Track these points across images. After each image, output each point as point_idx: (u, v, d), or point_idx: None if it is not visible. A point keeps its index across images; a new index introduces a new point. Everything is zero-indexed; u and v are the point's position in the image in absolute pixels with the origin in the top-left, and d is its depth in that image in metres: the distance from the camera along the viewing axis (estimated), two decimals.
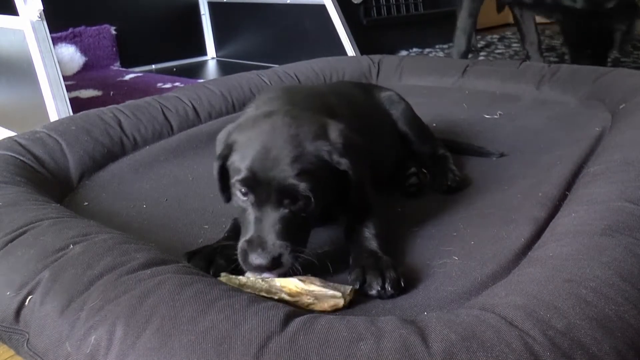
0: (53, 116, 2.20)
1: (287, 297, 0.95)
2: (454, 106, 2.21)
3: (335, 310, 0.95)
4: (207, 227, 1.29)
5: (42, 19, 2.22)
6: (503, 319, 0.79)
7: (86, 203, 1.44)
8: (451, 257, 1.11)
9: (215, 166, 1.12)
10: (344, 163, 1.06)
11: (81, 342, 0.82)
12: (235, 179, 1.04)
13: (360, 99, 1.53)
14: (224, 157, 1.09)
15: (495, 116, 2.06)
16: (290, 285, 0.97)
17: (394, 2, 4.24)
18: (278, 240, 0.99)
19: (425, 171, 1.52)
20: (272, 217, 1.00)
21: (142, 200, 1.44)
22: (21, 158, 1.48)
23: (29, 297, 0.92)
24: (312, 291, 0.96)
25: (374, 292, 1.00)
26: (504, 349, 0.73)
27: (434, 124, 1.91)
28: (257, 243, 0.99)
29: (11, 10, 2.27)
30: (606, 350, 0.75)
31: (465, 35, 3.45)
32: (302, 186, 1.00)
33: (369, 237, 1.12)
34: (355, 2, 3.96)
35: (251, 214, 1.02)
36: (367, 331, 0.77)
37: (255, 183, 1.01)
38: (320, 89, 1.50)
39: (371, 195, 1.21)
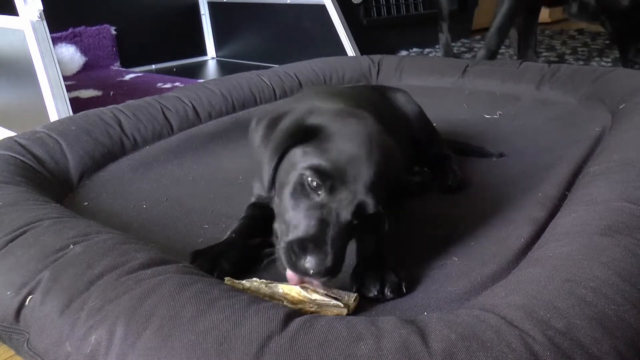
0: (53, 116, 2.20)
1: (289, 305, 0.91)
2: (454, 106, 2.21)
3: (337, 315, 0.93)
4: (207, 227, 1.29)
5: (42, 19, 2.22)
6: (503, 319, 0.79)
7: (86, 203, 1.44)
8: (451, 258, 1.11)
9: (281, 145, 0.97)
10: (414, 181, 1.04)
11: (81, 342, 0.82)
12: (310, 165, 0.92)
13: (382, 105, 1.51)
14: (298, 139, 0.96)
15: (495, 116, 2.07)
16: (293, 292, 0.93)
17: (393, 2, 4.24)
18: (339, 252, 0.89)
19: (427, 170, 1.52)
20: (341, 224, 0.91)
21: (142, 200, 1.44)
22: (21, 158, 1.48)
23: (29, 297, 0.92)
24: (315, 300, 0.93)
25: (372, 295, 0.98)
26: (504, 349, 0.73)
27: (434, 124, 1.91)
28: (318, 246, 0.88)
29: (11, 10, 2.27)
30: (606, 350, 0.75)
31: (500, 36, 3.25)
32: (377, 207, 0.93)
33: (375, 238, 1.10)
34: (355, 2, 3.96)
35: (315, 211, 0.90)
36: (367, 331, 0.77)
37: (335, 183, 0.91)
38: (354, 94, 1.43)
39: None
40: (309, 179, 0.92)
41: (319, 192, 0.92)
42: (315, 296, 0.93)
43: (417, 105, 1.62)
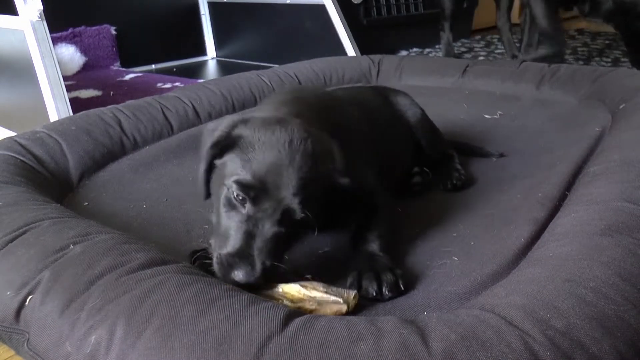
0: (53, 116, 2.20)
1: (289, 304, 0.92)
2: (454, 106, 2.21)
3: (345, 313, 0.93)
4: (207, 227, 1.29)
5: (42, 19, 2.22)
6: (503, 319, 0.79)
7: (86, 203, 1.44)
8: (451, 258, 1.11)
9: (207, 155, 1.02)
10: (346, 183, 1.03)
11: (81, 342, 0.82)
12: (234, 179, 0.96)
13: (376, 106, 1.51)
14: (223, 148, 1.01)
15: (495, 116, 2.07)
16: (293, 291, 0.94)
17: (394, 2, 4.24)
18: (267, 260, 0.93)
19: (427, 170, 1.52)
20: (266, 234, 0.94)
21: (142, 200, 1.44)
22: (21, 158, 1.48)
23: (29, 297, 0.92)
24: (315, 297, 0.93)
25: (370, 296, 0.98)
26: (504, 348, 0.73)
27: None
28: (244, 259, 0.92)
29: (11, 10, 2.27)
30: (606, 350, 0.75)
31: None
32: (306, 210, 0.95)
33: (371, 238, 1.10)
34: (355, 2, 3.96)
35: (241, 224, 0.95)
36: (367, 331, 0.77)
37: (258, 194, 0.94)
38: (335, 97, 1.44)
39: (380, 197, 1.20)
40: (234, 193, 0.96)
41: (245, 205, 0.95)
42: (314, 293, 0.94)
43: (420, 110, 1.61)
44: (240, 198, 0.95)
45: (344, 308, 0.93)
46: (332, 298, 0.94)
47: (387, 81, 2.59)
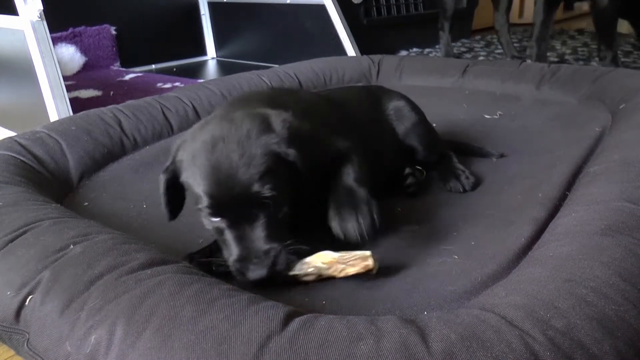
0: (53, 116, 2.20)
1: (322, 265, 0.99)
2: (454, 106, 2.21)
3: (367, 272, 1.00)
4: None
5: (42, 19, 2.22)
6: (503, 319, 0.79)
7: (86, 203, 1.44)
8: (451, 257, 1.11)
9: (162, 180, 1.08)
10: (291, 154, 1.02)
11: (81, 342, 0.82)
12: (199, 206, 1.00)
13: (356, 105, 1.49)
14: (172, 173, 1.06)
15: (495, 116, 2.07)
16: (319, 259, 1.00)
17: (394, 2, 4.25)
18: (266, 246, 0.98)
19: (420, 169, 1.51)
20: (252, 229, 0.99)
21: (142, 201, 1.44)
22: (21, 158, 1.48)
23: (29, 297, 0.92)
24: (342, 256, 1.00)
25: (350, 227, 1.01)
26: (504, 348, 0.73)
27: (434, 124, 1.90)
28: (249, 258, 0.98)
29: (11, 10, 2.27)
30: (606, 350, 0.75)
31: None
32: (266, 189, 0.97)
33: (345, 171, 1.11)
34: (356, 2, 3.96)
35: (229, 234, 1.00)
36: (367, 331, 0.77)
37: (221, 205, 0.98)
38: (294, 91, 1.45)
39: (353, 152, 1.17)
40: (206, 217, 1.01)
41: (219, 217, 1.00)
42: (342, 253, 1.01)
43: (416, 116, 1.56)
44: (212, 215, 1.00)
45: (371, 262, 0.99)
46: (358, 253, 0.99)
47: (387, 81, 2.59)
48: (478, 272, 1.04)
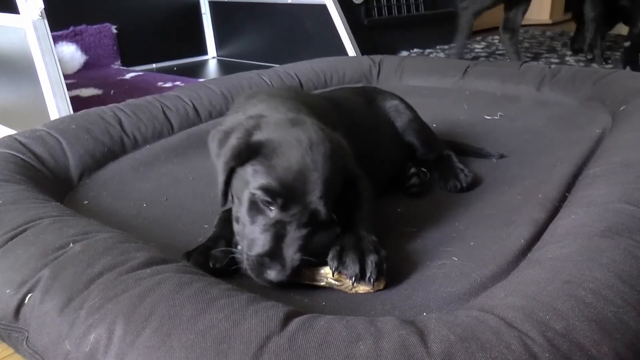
0: (53, 114, 2.20)
1: (334, 282, 1.01)
2: (455, 107, 2.21)
3: (377, 291, 1.01)
4: (206, 226, 1.29)
5: (43, 18, 2.22)
6: (502, 320, 0.79)
7: (86, 202, 1.44)
8: (450, 258, 1.11)
9: (226, 167, 1.02)
10: (358, 173, 1.08)
11: (81, 341, 0.82)
12: (261, 186, 0.97)
13: (354, 106, 1.50)
14: (244, 158, 1.01)
15: (496, 117, 2.07)
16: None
17: (394, 3, 4.25)
18: (295, 259, 0.97)
19: (425, 170, 1.52)
20: (294, 236, 0.98)
21: (142, 200, 1.44)
22: (21, 156, 1.48)
23: (29, 295, 0.92)
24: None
25: (350, 273, 0.99)
26: (503, 350, 0.73)
27: (434, 125, 1.91)
28: (275, 259, 0.97)
29: (12, 8, 2.27)
30: (605, 352, 0.75)
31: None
32: (327, 212, 0.99)
33: (357, 219, 1.11)
34: (356, 2, 3.96)
35: (269, 227, 0.98)
36: (366, 331, 0.77)
37: (285, 200, 0.97)
38: (307, 94, 1.46)
39: (363, 181, 1.18)
40: (261, 198, 0.98)
41: (272, 209, 0.99)
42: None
43: (410, 113, 1.60)
44: (267, 203, 0.98)
45: (382, 284, 1.01)
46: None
47: (388, 81, 2.60)
48: (477, 273, 1.04)
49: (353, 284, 1.00)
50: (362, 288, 1.01)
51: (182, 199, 1.45)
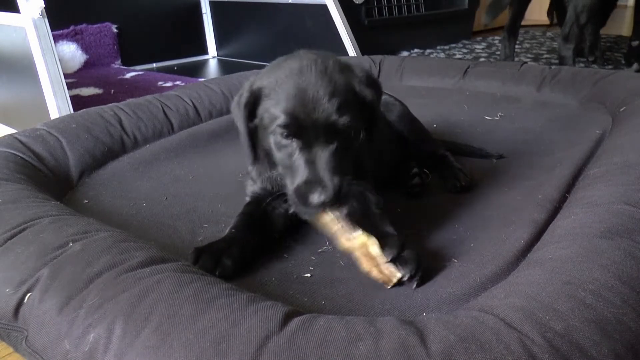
0: (54, 114, 2.20)
1: (357, 245, 1.02)
2: (455, 107, 2.21)
3: (384, 283, 1.01)
4: (206, 225, 1.29)
5: (43, 17, 2.22)
6: (502, 321, 0.79)
7: (86, 201, 1.44)
8: (450, 259, 1.11)
9: (242, 120, 1.10)
10: (368, 94, 1.09)
11: (80, 340, 0.82)
12: (275, 125, 1.03)
13: None
14: (251, 106, 1.09)
15: (496, 118, 2.07)
16: (364, 239, 1.03)
17: (395, 3, 4.25)
18: (335, 176, 1.00)
19: (427, 171, 1.52)
20: (323, 155, 1.02)
21: (142, 199, 1.44)
22: (21, 155, 1.48)
23: (28, 295, 0.92)
24: (381, 258, 1.01)
25: (409, 269, 1.01)
26: (503, 350, 0.73)
27: (435, 125, 1.91)
28: (315, 183, 1.00)
29: (13, 7, 2.27)
30: (605, 353, 0.75)
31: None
32: (344, 119, 1.02)
33: (378, 217, 1.13)
34: (357, 2, 3.96)
35: (299, 157, 1.03)
36: (366, 331, 0.77)
37: (298, 126, 1.02)
38: None
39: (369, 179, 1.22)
40: (279, 137, 1.05)
41: (294, 140, 1.04)
42: (384, 256, 1.02)
43: (400, 106, 1.63)
44: (287, 137, 1.04)
45: (396, 280, 1.00)
46: (392, 269, 1.01)
47: (388, 82, 2.59)
48: (477, 274, 1.04)
49: (402, 278, 1.00)
50: (375, 274, 1.01)
51: (182, 199, 1.44)
